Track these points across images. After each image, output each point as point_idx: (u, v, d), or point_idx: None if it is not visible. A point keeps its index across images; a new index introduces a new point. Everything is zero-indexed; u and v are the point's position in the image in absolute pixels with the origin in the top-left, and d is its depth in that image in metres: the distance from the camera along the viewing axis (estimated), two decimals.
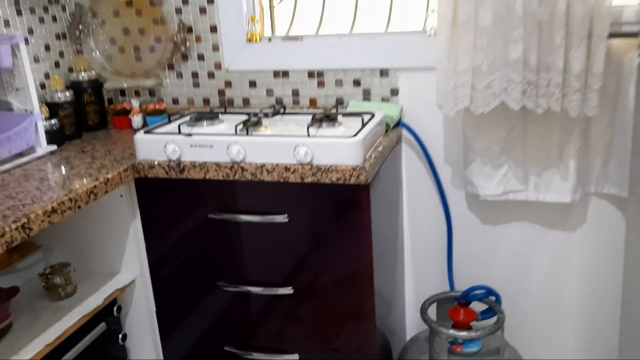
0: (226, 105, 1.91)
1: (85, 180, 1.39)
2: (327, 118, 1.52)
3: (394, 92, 1.75)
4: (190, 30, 1.86)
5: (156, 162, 1.50)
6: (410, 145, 1.78)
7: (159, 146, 1.51)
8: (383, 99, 1.76)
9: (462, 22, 1.42)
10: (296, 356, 1.55)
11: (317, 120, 1.50)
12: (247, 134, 1.46)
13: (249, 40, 1.84)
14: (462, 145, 1.68)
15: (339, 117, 1.56)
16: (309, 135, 1.41)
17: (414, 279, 1.91)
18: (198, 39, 1.87)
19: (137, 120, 1.91)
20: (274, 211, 1.46)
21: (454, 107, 1.51)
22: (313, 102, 1.83)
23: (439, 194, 1.78)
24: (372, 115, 1.61)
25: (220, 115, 1.66)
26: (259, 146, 1.43)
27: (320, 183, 1.39)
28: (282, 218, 1.46)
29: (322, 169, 1.37)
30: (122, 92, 2.02)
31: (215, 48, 1.86)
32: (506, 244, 1.78)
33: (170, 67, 1.92)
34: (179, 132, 1.51)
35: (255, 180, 1.44)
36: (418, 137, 1.71)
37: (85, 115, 1.92)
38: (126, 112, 1.94)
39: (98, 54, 1.94)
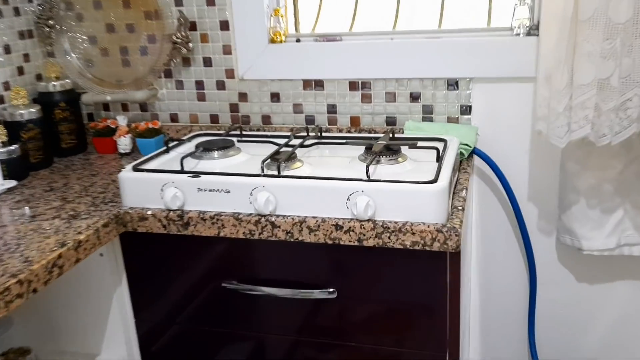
0: (241, 124, 1.48)
1: (48, 242, 0.96)
2: (387, 149, 1.09)
3: (465, 109, 1.32)
4: (193, 26, 1.43)
5: (149, 212, 1.07)
6: (483, 177, 1.36)
7: (154, 189, 1.08)
8: (450, 119, 1.34)
9: (586, 17, 1.00)
10: None
11: (373, 153, 1.08)
12: (279, 173, 1.04)
13: (272, 41, 1.41)
14: (558, 180, 1.26)
15: (402, 148, 1.13)
16: (368, 177, 0.99)
17: (483, 344, 1.49)
18: (204, 38, 1.44)
19: (124, 142, 1.48)
20: (317, 283, 1.04)
21: (566, 135, 1.09)
22: (355, 122, 1.40)
23: (522, 242, 1.36)
24: (445, 144, 1.19)
25: (236, 142, 1.24)
26: (296, 192, 1.00)
27: (386, 248, 0.97)
28: (328, 293, 1.03)
29: (390, 228, 0.95)
30: (106, 107, 1.58)
31: (227, 50, 1.43)
32: (609, 307, 1.37)
33: (168, 74, 1.49)
34: (182, 170, 1.09)
35: (291, 241, 1.01)
36: (499, 170, 1.29)
37: (57, 137, 1.48)
38: (111, 132, 1.50)
39: (74, 57, 1.51)
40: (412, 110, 1.36)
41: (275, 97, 1.43)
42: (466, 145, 1.24)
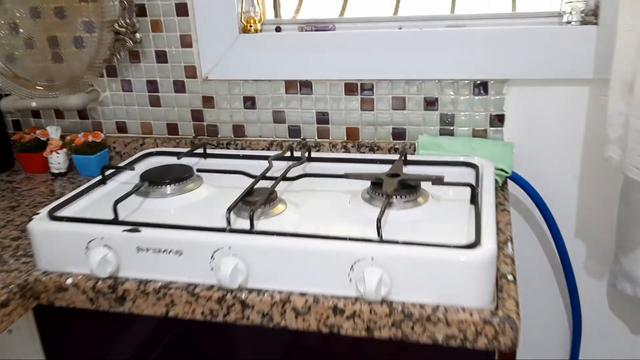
0: (207, 137, 1.16)
1: None
2: (402, 186, 0.79)
3: (497, 120, 1.02)
4: (142, 11, 1.10)
5: (70, 281, 0.76)
6: (517, 205, 1.07)
7: (77, 248, 0.77)
8: (475, 132, 1.03)
9: None
10: None
11: (384, 195, 0.77)
12: (252, 228, 0.73)
13: (244, 30, 1.08)
14: (616, 214, 0.97)
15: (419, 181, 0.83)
16: (381, 238, 0.68)
17: None
18: (156, 26, 1.11)
19: (57, 160, 1.16)
20: None
21: None
22: (353, 135, 1.09)
23: (566, 286, 1.07)
24: (477, 171, 0.89)
25: (195, 172, 0.92)
26: (277, 258, 0.70)
27: (407, 342, 0.67)
28: None
29: (414, 315, 0.65)
30: (36, 113, 1.25)
31: (186, 41, 1.10)
32: None
33: (112, 72, 1.16)
34: (115, 219, 0.77)
35: (271, 327, 0.71)
36: (541, 201, 0.99)
37: None
38: (41, 146, 1.18)
39: None
40: (426, 120, 1.05)
41: (249, 102, 1.12)
42: (501, 170, 0.94)
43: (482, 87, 1.00)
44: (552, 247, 1.06)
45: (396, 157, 0.96)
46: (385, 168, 0.93)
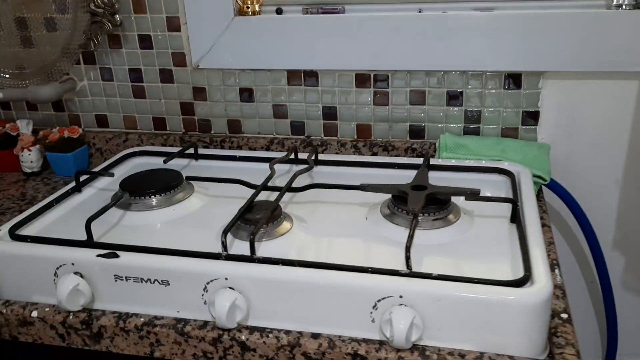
0: (198, 133, 1.03)
1: None
2: (430, 200, 0.66)
3: (531, 117, 0.89)
4: None
5: (35, 315, 0.64)
6: (550, 213, 0.95)
7: (44, 274, 0.64)
8: (505, 131, 0.91)
9: None
10: None
11: (411, 213, 0.65)
12: (252, 254, 0.60)
13: (241, 11, 0.95)
14: None
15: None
16: (410, 270, 0.56)
17: None
18: (138, 6, 0.96)
19: (29, 159, 1.02)
20: None
21: None
22: (364, 132, 0.96)
23: (603, 301, 0.96)
24: (512, 180, 0.77)
25: (184, 177, 0.79)
26: (283, 292, 0.58)
27: None
28: None
29: None
30: (4, 105, 1.11)
31: (174, 25, 0.97)
32: None
33: (90, 58, 1.02)
34: (89, 241, 0.65)
35: None
36: (580, 210, 0.87)
37: None
38: (11, 141, 1.04)
39: None
40: (448, 117, 0.92)
41: (246, 94, 0.98)
42: (538, 177, 0.82)
43: (513, 79, 0.88)
44: (589, 260, 0.95)
45: (416, 160, 0.84)
46: (405, 174, 0.81)
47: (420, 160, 0.84)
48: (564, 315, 0.58)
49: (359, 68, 0.92)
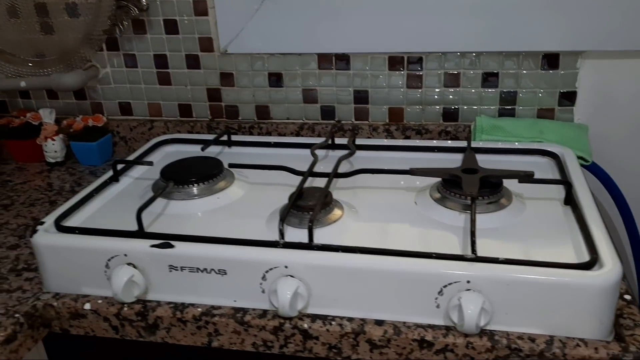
0: (225, 120, 1.01)
1: None
2: (485, 183, 0.66)
3: (567, 97, 0.89)
4: None
5: (87, 307, 0.63)
6: None
7: (95, 266, 0.63)
8: (541, 112, 0.90)
9: None
10: None
11: (468, 197, 0.64)
12: (311, 242, 0.60)
13: None
14: None
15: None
16: (474, 255, 0.56)
17: None
18: None
19: (53, 149, 1.01)
20: None
21: None
22: (396, 116, 0.95)
23: (638, 284, 0.97)
24: (556, 159, 0.77)
25: (226, 166, 0.78)
26: (343, 279, 0.57)
27: None
28: None
29: (524, 349, 0.53)
30: (24, 93, 1.09)
31: (201, 9, 0.94)
32: None
33: (113, 45, 1.00)
34: (140, 232, 0.63)
35: None
36: (620, 194, 0.87)
37: None
38: (33, 131, 1.02)
39: None
40: (483, 99, 0.91)
41: (275, 78, 0.97)
42: (580, 158, 0.81)
43: (551, 60, 0.87)
44: (624, 244, 0.95)
45: (455, 143, 0.83)
46: (445, 157, 0.81)
47: (457, 143, 0.83)
48: (627, 297, 0.58)
49: (392, 50, 0.91)
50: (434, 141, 0.85)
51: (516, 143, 0.82)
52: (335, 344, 0.58)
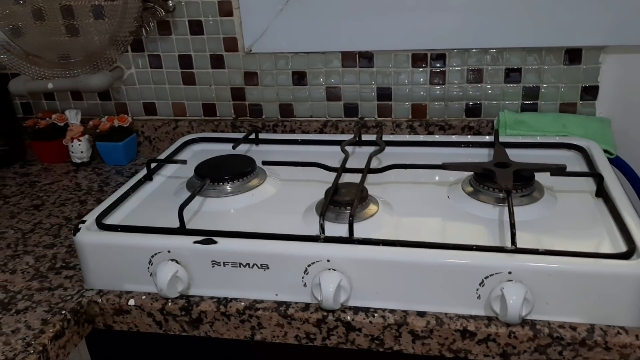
0: (249, 118, 1.03)
1: None
2: (517, 177, 0.67)
3: (589, 92, 0.90)
4: None
5: (132, 303, 0.64)
6: None
7: (138, 262, 0.64)
8: (563, 107, 0.92)
9: None
10: None
11: (503, 190, 0.66)
12: (351, 236, 0.61)
13: None
14: None
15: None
16: (515, 246, 0.57)
17: None
18: None
19: (79, 149, 1.02)
20: None
21: None
22: (419, 112, 0.97)
23: None
24: (582, 153, 0.78)
25: (254, 161, 0.79)
26: (385, 273, 0.59)
27: None
28: None
29: (566, 338, 0.54)
30: (49, 95, 1.10)
31: (226, 9, 0.96)
32: None
33: (138, 46, 1.01)
34: (183, 228, 0.65)
35: (379, 351, 0.60)
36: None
37: None
38: (58, 132, 1.04)
39: None
40: (505, 94, 0.93)
41: (299, 77, 0.98)
42: (605, 152, 0.83)
43: (573, 55, 0.88)
44: None
45: (482, 138, 0.85)
46: (475, 152, 0.82)
47: (484, 138, 0.85)
48: None
49: (415, 48, 0.92)
50: (462, 136, 0.86)
51: (538, 137, 0.84)
52: (377, 336, 0.59)
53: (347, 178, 0.75)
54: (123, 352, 0.70)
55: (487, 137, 0.85)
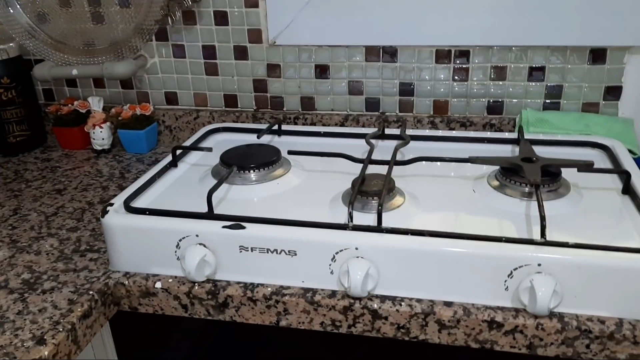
0: (270, 110, 1.03)
1: None
2: (543, 172, 0.67)
3: (612, 92, 0.90)
4: None
5: (159, 286, 0.65)
6: None
7: (165, 246, 0.65)
8: (586, 106, 0.92)
9: None
10: None
11: (532, 184, 0.66)
12: (379, 224, 0.61)
13: None
14: None
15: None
16: (544, 239, 0.57)
17: None
18: None
19: (100, 136, 1.03)
20: None
21: None
22: (441, 108, 0.97)
23: None
24: (607, 152, 0.78)
25: (279, 151, 0.80)
26: (413, 262, 0.59)
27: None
28: None
29: (595, 331, 0.55)
30: (71, 82, 1.11)
31: (252, 1, 0.96)
32: None
33: (162, 35, 1.02)
34: (211, 213, 0.65)
35: (404, 341, 0.61)
36: None
37: (1, 127, 1.02)
38: (79, 119, 1.04)
39: (19, 8, 1.01)
40: (528, 92, 0.93)
41: (322, 70, 0.99)
42: (629, 152, 0.83)
43: (597, 54, 0.88)
44: None
45: (506, 134, 0.85)
46: (498, 149, 0.83)
47: (508, 135, 0.85)
48: None
49: (440, 44, 0.92)
50: (485, 132, 0.86)
51: (559, 136, 0.84)
52: (403, 324, 0.59)
53: (371, 170, 0.75)
54: (144, 336, 0.71)
55: (508, 134, 0.86)
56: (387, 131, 0.88)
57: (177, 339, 0.71)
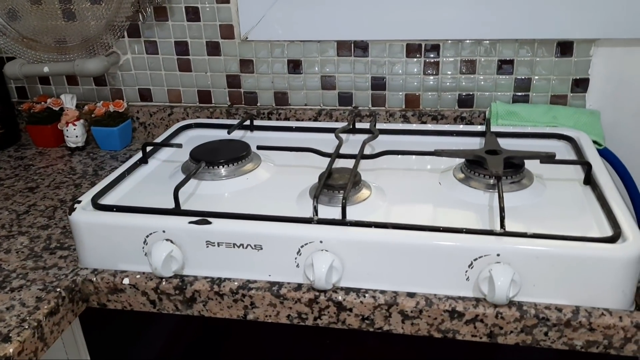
0: (244, 106, 1.03)
1: None
2: (507, 164, 0.68)
3: (580, 84, 0.91)
4: None
5: (127, 282, 0.65)
6: None
7: (133, 242, 0.65)
8: (554, 99, 0.93)
9: None
10: None
11: (493, 176, 0.67)
12: (344, 218, 0.62)
13: None
14: None
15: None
16: (503, 229, 0.58)
17: None
18: None
19: (74, 132, 1.02)
20: None
21: None
22: (413, 102, 0.98)
23: None
24: (572, 143, 0.79)
25: (249, 146, 0.80)
26: (376, 254, 0.60)
27: (536, 349, 0.58)
28: None
29: (552, 319, 0.56)
30: (44, 79, 1.10)
31: None
32: None
33: (134, 32, 1.02)
34: (178, 209, 0.65)
35: (369, 332, 0.62)
36: (631, 180, 0.90)
37: None
38: (53, 116, 1.04)
39: None
40: (498, 85, 0.94)
41: (294, 65, 0.99)
42: (594, 142, 0.84)
43: (564, 47, 0.89)
44: None
45: (474, 127, 0.86)
46: (467, 141, 0.84)
47: (476, 128, 0.86)
48: None
49: (410, 38, 0.93)
50: (454, 125, 0.87)
51: (529, 128, 0.85)
52: (368, 316, 0.60)
53: (340, 164, 0.76)
54: (116, 332, 0.71)
55: (479, 126, 0.87)
56: (358, 125, 0.88)
57: (151, 335, 0.72)
